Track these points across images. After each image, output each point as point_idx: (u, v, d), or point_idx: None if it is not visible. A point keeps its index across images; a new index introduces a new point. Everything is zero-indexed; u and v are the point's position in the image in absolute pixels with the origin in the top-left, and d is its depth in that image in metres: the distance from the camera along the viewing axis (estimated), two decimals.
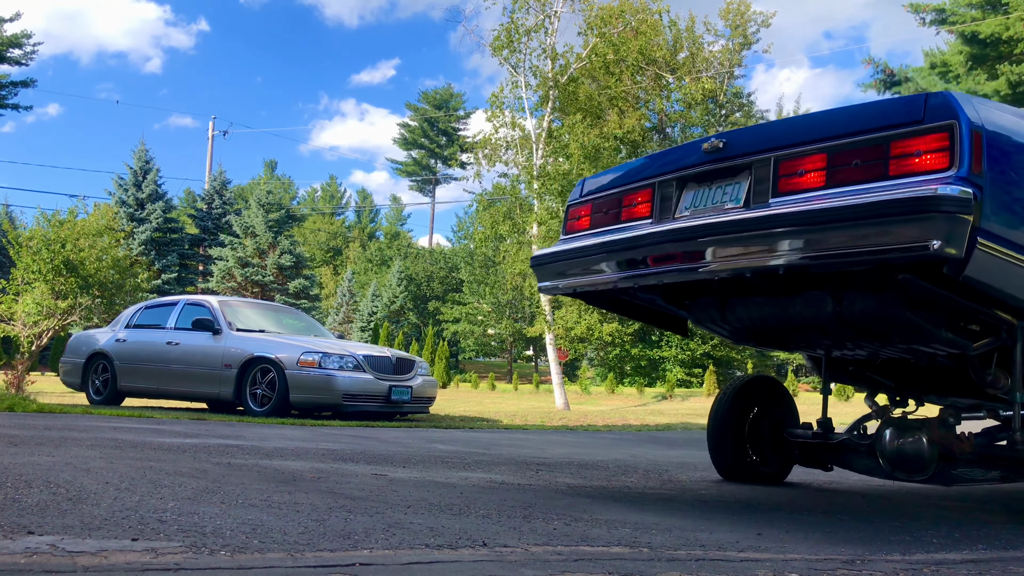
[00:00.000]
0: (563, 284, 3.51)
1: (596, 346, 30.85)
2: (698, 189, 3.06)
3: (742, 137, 3.03)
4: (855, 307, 2.89)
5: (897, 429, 3.35)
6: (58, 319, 12.72)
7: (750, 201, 2.82)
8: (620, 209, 3.35)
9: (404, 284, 41.80)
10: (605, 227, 3.39)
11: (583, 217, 3.55)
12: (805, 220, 2.56)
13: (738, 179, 2.91)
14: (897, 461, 3.33)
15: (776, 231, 2.63)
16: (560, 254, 3.48)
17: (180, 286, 34.11)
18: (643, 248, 3.09)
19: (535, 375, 31.44)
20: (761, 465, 4.02)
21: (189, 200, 48.07)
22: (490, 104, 16.99)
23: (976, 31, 24.32)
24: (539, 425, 9.33)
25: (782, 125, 3.05)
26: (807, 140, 2.73)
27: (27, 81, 32.39)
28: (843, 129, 2.64)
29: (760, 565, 2.05)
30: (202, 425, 6.33)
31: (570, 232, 3.60)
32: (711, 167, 3.00)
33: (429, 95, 61.68)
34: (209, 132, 39.05)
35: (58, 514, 2.16)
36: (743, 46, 31.55)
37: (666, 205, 3.14)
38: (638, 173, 3.40)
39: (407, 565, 1.83)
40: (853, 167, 2.57)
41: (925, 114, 2.47)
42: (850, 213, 2.45)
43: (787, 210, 2.63)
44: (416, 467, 4.02)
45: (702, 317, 3.53)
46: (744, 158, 2.89)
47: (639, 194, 3.28)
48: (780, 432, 3.98)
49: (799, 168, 2.71)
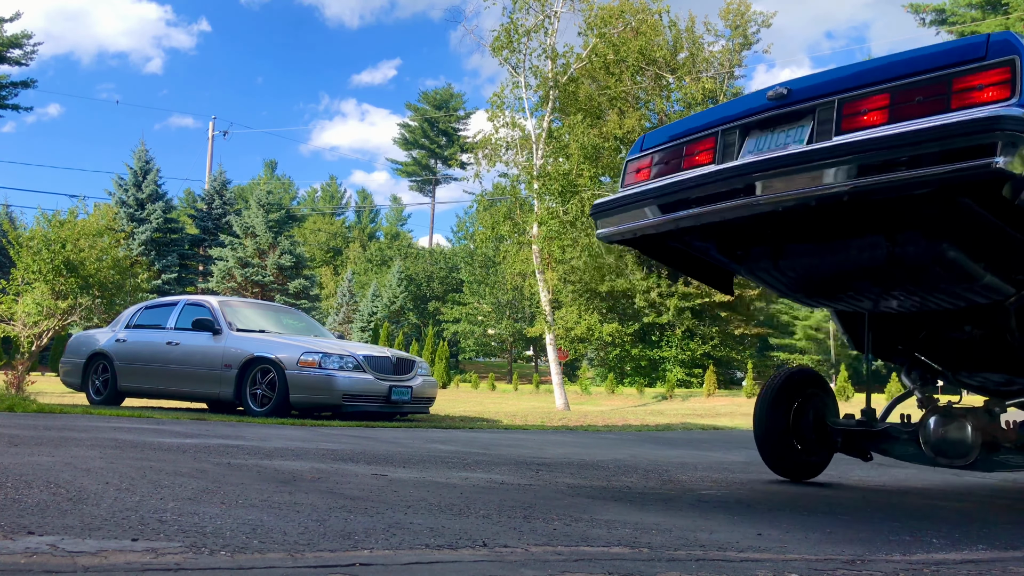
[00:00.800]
0: (624, 228, 3.52)
1: (596, 346, 30.86)
2: (761, 135, 3.13)
3: (805, 83, 3.10)
4: (908, 248, 3.00)
5: (941, 417, 3.49)
6: (58, 319, 12.72)
7: (813, 141, 2.90)
8: (681, 159, 3.40)
9: (404, 284, 41.81)
10: (666, 176, 3.42)
11: (643, 170, 3.58)
12: (871, 146, 2.64)
13: (801, 122, 2.99)
14: (940, 448, 3.46)
15: (841, 159, 2.71)
16: (623, 198, 3.50)
17: (180, 286, 34.12)
18: (706, 185, 3.14)
19: (535, 375, 31.44)
20: (805, 454, 4.13)
21: (189, 200, 48.08)
22: (491, 104, 17.01)
23: (976, 31, 24.34)
24: (539, 425, 9.34)
25: (845, 70, 3.10)
26: (870, 82, 2.82)
27: (27, 81, 32.42)
28: (904, 70, 2.75)
29: (760, 565, 2.05)
30: (202, 425, 6.33)
31: (628, 185, 3.62)
32: (774, 113, 3.07)
33: (429, 95, 61.72)
34: (209, 132, 39.07)
35: (58, 514, 2.16)
36: (743, 46, 31.55)
37: (728, 151, 3.20)
38: (700, 122, 3.44)
39: (407, 565, 1.83)
40: (916, 103, 2.67)
41: (988, 51, 2.59)
42: (916, 137, 2.54)
43: (853, 139, 2.72)
44: (416, 467, 4.02)
45: (755, 267, 3.59)
46: (807, 102, 2.97)
47: (701, 143, 3.33)
48: (823, 422, 4.08)
49: (862, 108, 2.80)
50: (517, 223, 16.74)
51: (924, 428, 3.53)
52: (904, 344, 3.98)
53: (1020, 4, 23.56)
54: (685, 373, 28.98)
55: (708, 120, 3.40)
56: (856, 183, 2.67)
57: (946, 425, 3.45)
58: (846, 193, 2.71)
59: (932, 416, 3.52)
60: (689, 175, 3.24)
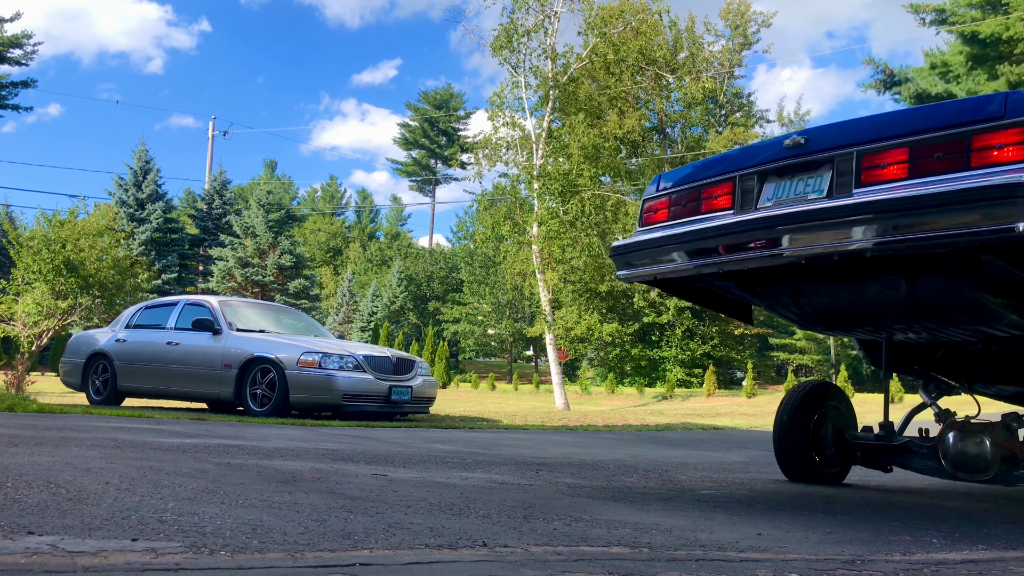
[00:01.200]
0: (645, 272, 3.63)
1: (596, 346, 30.86)
2: (779, 182, 3.20)
3: (823, 133, 3.16)
4: (929, 290, 3.09)
5: (960, 432, 3.53)
6: (58, 319, 12.72)
7: (833, 191, 2.96)
8: (699, 202, 3.47)
9: (404, 284, 41.81)
10: (684, 219, 3.51)
11: (660, 210, 3.67)
12: (895, 206, 2.71)
13: (820, 172, 3.05)
14: (960, 463, 3.50)
15: (865, 217, 2.78)
16: (644, 243, 3.59)
17: (180, 286, 34.11)
18: (730, 235, 3.22)
19: (535, 375, 31.44)
20: (824, 466, 4.19)
21: (189, 200, 48.07)
22: (491, 104, 17.00)
23: (976, 31, 24.32)
24: (539, 425, 9.33)
25: (862, 122, 3.17)
26: (888, 136, 2.88)
27: (27, 81, 32.40)
28: (923, 125, 2.81)
29: (760, 565, 2.05)
30: (202, 425, 6.33)
31: (647, 224, 3.71)
32: (792, 161, 3.14)
33: (429, 95, 61.69)
34: (209, 132, 39.07)
35: (58, 514, 2.16)
36: (743, 46, 31.56)
37: (747, 197, 3.27)
38: (716, 168, 3.52)
39: (407, 565, 1.83)
40: (935, 159, 2.72)
41: (1006, 110, 2.63)
42: (939, 200, 2.60)
43: (876, 198, 2.77)
44: (416, 467, 4.02)
45: (775, 303, 3.71)
46: (825, 152, 3.03)
47: (719, 187, 3.40)
48: (842, 435, 4.15)
49: (881, 161, 2.86)
50: (517, 223, 16.73)
51: (943, 443, 3.58)
52: (921, 363, 4.07)
53: (1020, 4, 23.54)
54: (685, 373, 28.98)
55: (726, 165, 3.47)
56: (880, 240, 2.75)
57: (965, 440, 3.50)
58: (869, 250, 2.79)
59: (951, 431, 3.57)
60: (710, 223, 3.33)
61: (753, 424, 11.60)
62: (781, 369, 40.14)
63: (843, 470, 4.28)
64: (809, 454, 4.16)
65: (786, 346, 38.99)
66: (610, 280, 26.61)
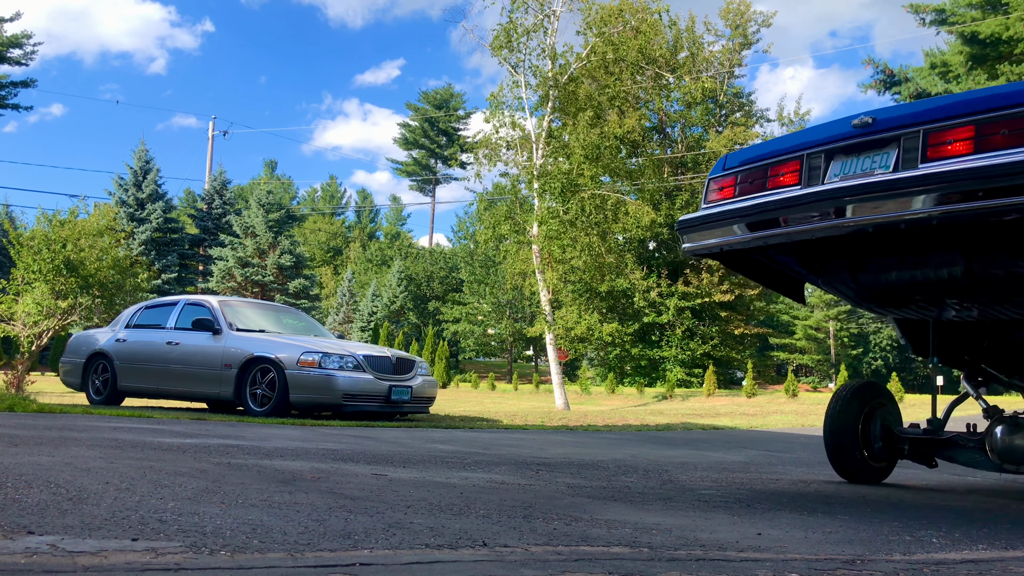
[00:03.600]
0: (711, 243, 3.72)
1: (596, 346, 30.85)
2: (846, 159, 3.29)
3: (890, 113, 3.26)
4: (988, 264, 3.18)
5: (1008, 426, 3.65)
6: (58, 319, 12.72)
7: (899, 166, 3.05)
8: (766, 179, 3.57)
9: (404, 284, 41.81)
10: (752, 195, 3.59)
11: (726, 188, 3.75)
12: (961, 176, 2.80)
13: (886, 149, 3.14)
14: (1007, 456, 3.62)
15: (932, 187, 2.88)
16: (712, 215, 3.69)
17: (180, 286, 34.12)
18: (798, 207, 3.32)
19: (535, 375, 31.44)
20: (872, 460, 4.30)
21: (189, 200, 48.08)
22: (489, 104, 16.99)
23: (976, 31, 24.32)
24: (539, 425, 9.33)
25: (929, 103, 3.30)
26: (955, 115, 2.98)
27: (27, 81, 32.46)
28: (989, 105, 2.89)
29: (760, 565, 2.05)
30: (202, 425, 6.33)
31: (712, 202, 3.80)
32: (860, 140, 3.23)
33: (429, 95, 61.69)
34: (209, 132, 39.07)
35: (58, 514, 2.16)
36: (743, 46, 31.54)
37: (814, 174, 3.36)
38: (784, 146, 3.62)
39: (407, 565, 1.83)
40: (1001, 136, 2.81)
41: None
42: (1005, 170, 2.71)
43: (943, 169, 2.87)
44: (416, 467, 4.02)
45: (833, 279, 3.81)
46: (893, 131, 3.13)
47: (786, 165, 3.50)
48: (890, 430, 4.26)
49: (947, 138, 2.96)
50: (517, 223, 16.73)
51: (991, 437, 3.68)
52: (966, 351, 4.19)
53: (1020, 4, 23.54)
54: (685, 373, 28.98)
55: (793, 144, 3.57)
56: (946, 208, 2.84)
57: (1012, 434, 3.60)
58: (936, 217, 2.88)
59: (998, 425, 3.67)
60: (778, 195, 3.42)
61: (753, 424, 11.60)
62: (781, 369, 40.12)
63: (890, 465, 4.40)
64: (859, 449, 4.27)
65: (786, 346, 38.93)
66: (610, 280, 26.60)
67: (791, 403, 18.89)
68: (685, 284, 29.26)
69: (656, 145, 31.23)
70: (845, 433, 4.24)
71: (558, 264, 18.03)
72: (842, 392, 4.35)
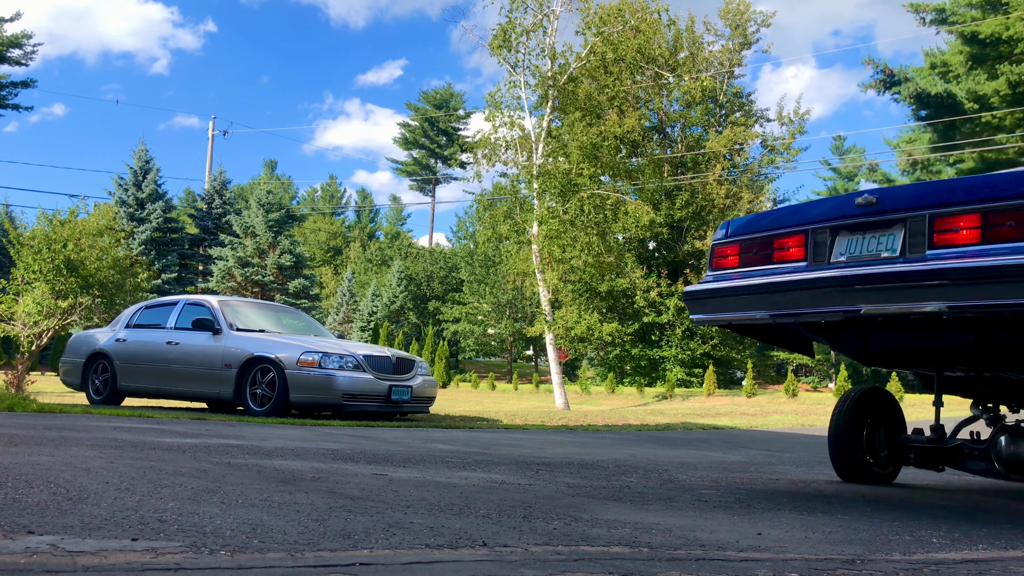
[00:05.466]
0: (721, 317, 3.85)
1: (596, 346, 30.85)
2: (851, 237, 3.37)
3: (894, 193, 3.33)
4: (996, 339, 3.24)
5: (1012, 435, 3.70)
6: (58, 319, 12.72)
7: (906, 251, 3.11)
8: (771, 251, 3.65)
9: (404, 284, 41.79)
10: (756, 267, 3.70)
11: (730, 256, 3.86)
12: (970, 275, 2.85)
13: (891, 231, 3.21)
14: (1012, 464, 3.67)
15: (941, 283, 2.93)
16: (719, 291, 3.80)
17: (180, 286, 34.11)
18: (808, 291, 3.40)
19: (535, 375, 31.44)
20: (876, 467, 4.35)
21: (189, 200, 48.08)
22: (487, 104, 16.98)
23: (976, 31, 24.31)
24: (539, 425, 9.33)
25: (932, 186, 3.37)
26: (959, 201, 3.01)
27: (27, 81, 32.47)
28: (993, 193, 2.94)
29: (760, 565, 2.05)
30: (202, 425, 6.33)
31: (718, 269, 3.92)
32: (864, 219, 3.30)
33: (429, 95, 61.67)
34: (209, 132, 39.07)
35: (58, 514, 2.16)
36: (743, 46, 31.52)
37: (820, 250, 3.45)
38: (788, 219, 3.71)
39: (407, 565, 1.83)
40: (1007, 227, 2.85)
41: None
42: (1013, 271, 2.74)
43: (951, 265, 2.91)
44: (416, 467, 4.02)
45: (843, 345, 3.91)
46: (897, 213, 3.19)
47: (791, 239, 3.58)
48: (893, 437, 4.31)
49: (954, 225, 3.00)
50: (517, 223, 16.72)
51: (995, 445, 3.72)
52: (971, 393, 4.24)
53: (1020, 4, 23.53)
54: (685, 373, 28.95)
55: (797, 217, 3.65)
56: (954, 304, 2.88)
57: (1017, 442, 3.64)
58: (945, 312, 2.92)
59: (1003, 434, 3.71)
60: (786, 276, 3.49)
61: (753, 424, 11.59)
62: (781, 369, 40.13)
63: (894, 471, 4.44)
64: (863, 456, 4.31)
65: None
66: (610, 280, 26.62)
67: (791, 403, 18.89)
68: (685, 284, 29.26)
69: (656, 145, 31.21)
70: (850, 440, 4.28)
71: (558, 264, 18.03)
72: (846, 399, 4.37)
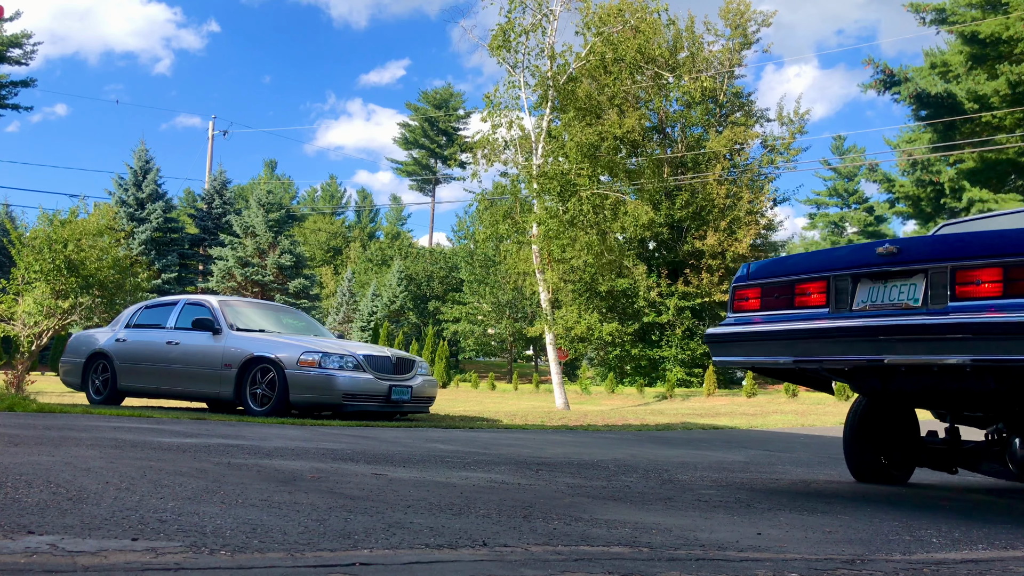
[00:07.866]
0: (744, 360, 3.92)
1: (596, 346, 30.84)
2: (873, 285, 3.42)
3: (914, 243, 3.38)
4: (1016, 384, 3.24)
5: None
6: (58, 319, 12.72)
7: (928, 302, 3.16)
8: (792, 296, 3.69)
9: (404, 284, 41.79)
10: (778, 310, 3.74)
11: (752, 299, 3.90)
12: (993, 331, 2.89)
13: (913, 280, 3.26)
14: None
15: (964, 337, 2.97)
16: (742, 335, 3.84)
17: (180, 286, 34.12)
18: (831, 339, 3.45)
19: (535, 375, 31.44)
20: (891, 468, 4.39)
21: (189, 200, 48.07)
22: (485, 104, 16.97)
23: (976, 31, 24.31)
24: (539, 425, 9.33)
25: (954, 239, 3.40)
26: (980, 255, 3.05)
27: (27, 81, 32.48)
28: (1016, 248, 2.97)
29: (760, 565, 2.05)
30: (202, 425, 6.33)
31: (739, 311, 3.95)
32: (885, 268, 3.35)
33: (429, 95, 61.66)
34: (209, 132, 39.06)
35: (58, 514, 2.16)
36: (743, 46, 31.51)
37: (842, 297, 3.49)
38: (809, 265, 3.76)
39: (407, 565, 1.83)
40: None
41: None
42: None
43: (975, 320, 2.95)
44: (416, 467, 4.02)
45: (863, 386, 3.93)
46: (919, 264, 3.24)
47: (813, 284, 3.62)
48: (908, 439, 4.34)
49: (976, 278, 3.04)
50: (517, 223, 16.71)
51: (1011, 448, 3.73)
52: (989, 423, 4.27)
53: (1020, 4, 23.52)
54: (685, 373, 28.94)
55: (818, 263, 3.70)
56: (977, 358, 2.93)
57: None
58: (968, 365, 2.97)
59: (1018, 437, 3.73)
60: (809, 323, 3.54)
61: (753, 424, 11.59)
62: None
63: (908, 472, 4.47)
64: (876, 456, 4.34)
65: None
66: (610, 280, 26.62)
67: (791, 403, 18.88)
68: (685, 284, 29.26)
69: (656, 145, 31.19)
70: (865, 441, 4.31)
71: (558, 264, 18.03)
72: (861, 400, 4.39)
